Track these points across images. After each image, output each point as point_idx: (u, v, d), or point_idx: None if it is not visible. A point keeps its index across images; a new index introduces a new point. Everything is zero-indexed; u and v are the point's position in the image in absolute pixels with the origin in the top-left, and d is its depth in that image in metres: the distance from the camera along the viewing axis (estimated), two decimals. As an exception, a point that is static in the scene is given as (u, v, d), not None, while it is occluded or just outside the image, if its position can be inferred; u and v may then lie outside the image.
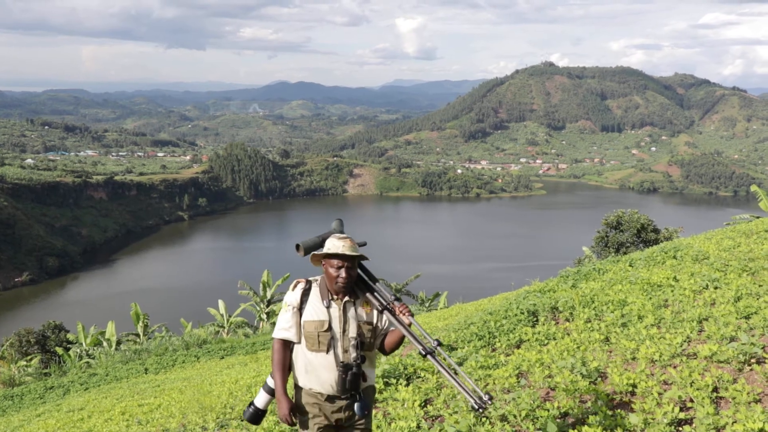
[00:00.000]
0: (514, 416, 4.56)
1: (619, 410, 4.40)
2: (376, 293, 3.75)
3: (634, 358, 5.22)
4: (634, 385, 4.61)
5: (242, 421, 6.56)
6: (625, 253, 20.29)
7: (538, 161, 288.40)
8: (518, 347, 6.56)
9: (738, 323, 5.40)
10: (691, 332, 5.47)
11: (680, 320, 5.88)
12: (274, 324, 25.40)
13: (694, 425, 3.97)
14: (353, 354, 3.68)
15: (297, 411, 3.78)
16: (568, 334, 6.43)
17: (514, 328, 7.04)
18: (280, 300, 27.94)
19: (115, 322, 24.38)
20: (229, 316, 26.48)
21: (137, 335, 25.36)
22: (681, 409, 4.16)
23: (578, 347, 5.88)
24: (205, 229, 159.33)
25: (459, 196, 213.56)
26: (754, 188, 23.17)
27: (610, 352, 5.61)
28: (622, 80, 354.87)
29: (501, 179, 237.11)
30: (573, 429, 4.24)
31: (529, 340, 6.59)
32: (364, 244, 3.92)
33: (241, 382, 9.44)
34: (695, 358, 4.90)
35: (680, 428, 4.00)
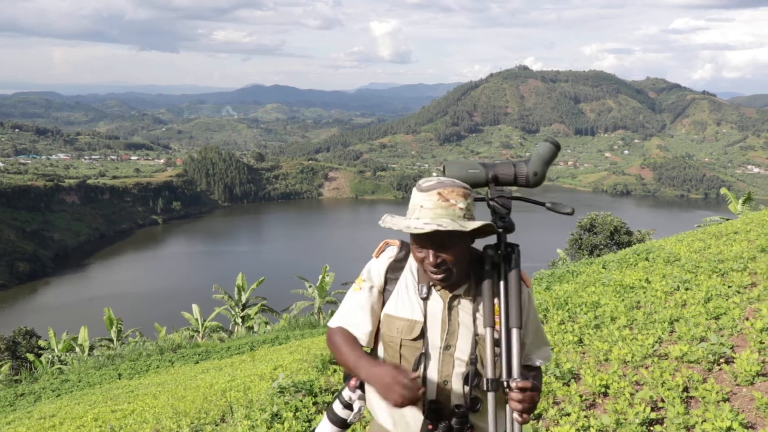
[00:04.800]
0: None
1: (591, 411, 4.44)
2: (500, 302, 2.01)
3: (606, 359, 5.28)
4: (607, 386, 4.66)
5: (216, 426, 6.51)
6: (598, 255, 20.50)
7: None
8: (493, 349, 6.58)
9: (708, 324, 5.49)
10: (662, 333, 5.54)
11: (652, 321, 5.96)
12: (249, 329, 25.28)
13: (665, 425, 4.02)
14: (457, 390, 2.03)
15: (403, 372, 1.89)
16: (542, 336, 6.46)
17: (489, 331, 7.06)
18: (255, 304, 27.71)
19: (88, 328, 24.11)
20: (204, 321, 26.30)
21: (110, 340, 25.11)
22: (652, 409, 4.21)
23: (552, 349, 5.92)
24: (179, 233, 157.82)
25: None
26: (723, 191, 23.72)
27: (584, 353, 5.67)
28: (595, 84, 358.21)
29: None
30: (546, 430, 4.28)
31: (503, 342, 6.61)
32: (570, 213, 2.13)
33: (216, 387, 9.36)
34: (666, 359, 4.97)
35: (651, 428, 4.05)
